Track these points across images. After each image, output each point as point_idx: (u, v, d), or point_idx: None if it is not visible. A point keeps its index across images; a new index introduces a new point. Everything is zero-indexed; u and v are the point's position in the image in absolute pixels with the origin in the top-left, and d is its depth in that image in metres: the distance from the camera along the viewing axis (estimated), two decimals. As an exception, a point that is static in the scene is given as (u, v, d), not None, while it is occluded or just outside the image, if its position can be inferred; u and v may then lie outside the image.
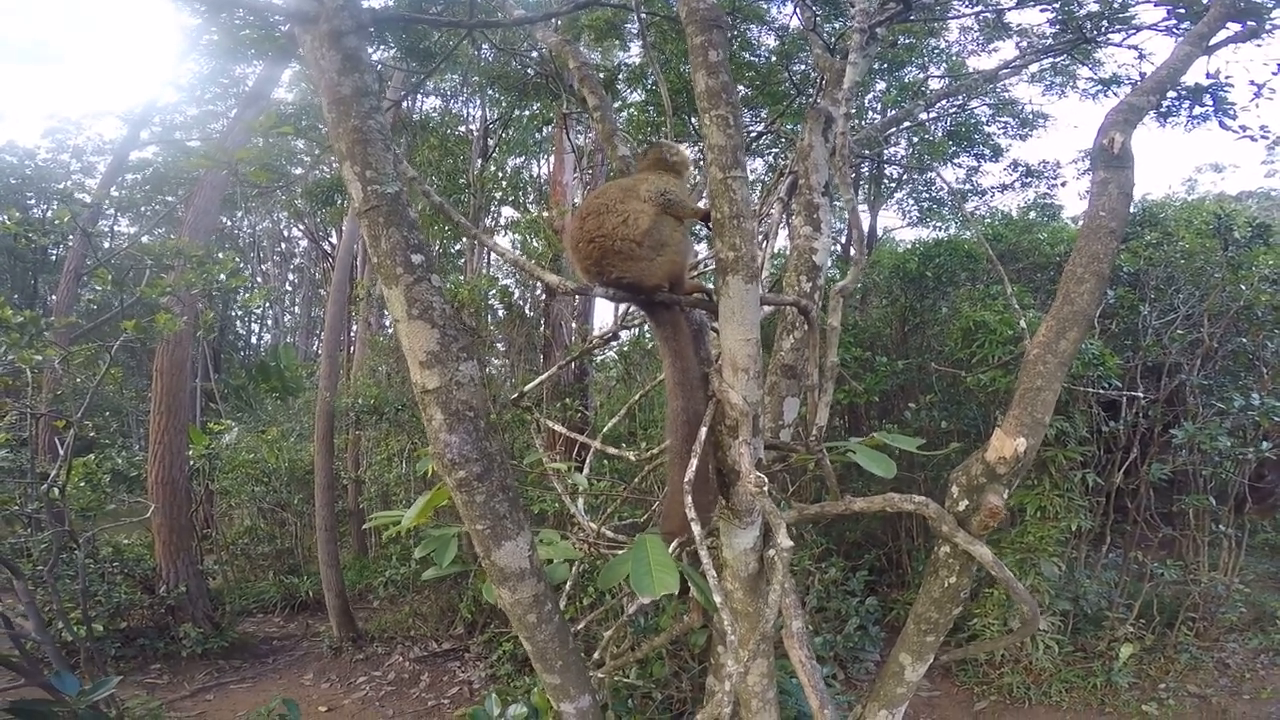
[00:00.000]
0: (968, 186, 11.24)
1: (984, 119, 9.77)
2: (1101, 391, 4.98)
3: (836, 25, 6.05)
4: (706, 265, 2.63)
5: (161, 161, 12.11)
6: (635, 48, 8.24)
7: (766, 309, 2.56)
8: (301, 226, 16.73)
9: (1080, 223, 2.07)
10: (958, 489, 1.64)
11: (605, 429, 2.97)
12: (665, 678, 4.19)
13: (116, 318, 4.52)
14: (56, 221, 4.30)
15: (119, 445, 8.18)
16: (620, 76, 7.67)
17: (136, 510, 7.46)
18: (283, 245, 20.25)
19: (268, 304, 19.89)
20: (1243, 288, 5.45)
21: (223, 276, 5.59)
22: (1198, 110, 4.09)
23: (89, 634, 3.81)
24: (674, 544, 2.10)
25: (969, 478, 1.62)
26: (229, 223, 15.90)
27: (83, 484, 5.63)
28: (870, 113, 9.46)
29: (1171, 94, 3.95)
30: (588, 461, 3.02)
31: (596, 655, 2.68)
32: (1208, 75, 3.75)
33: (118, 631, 6.22)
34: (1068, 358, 1.68)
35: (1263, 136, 3.88)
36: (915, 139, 9.90)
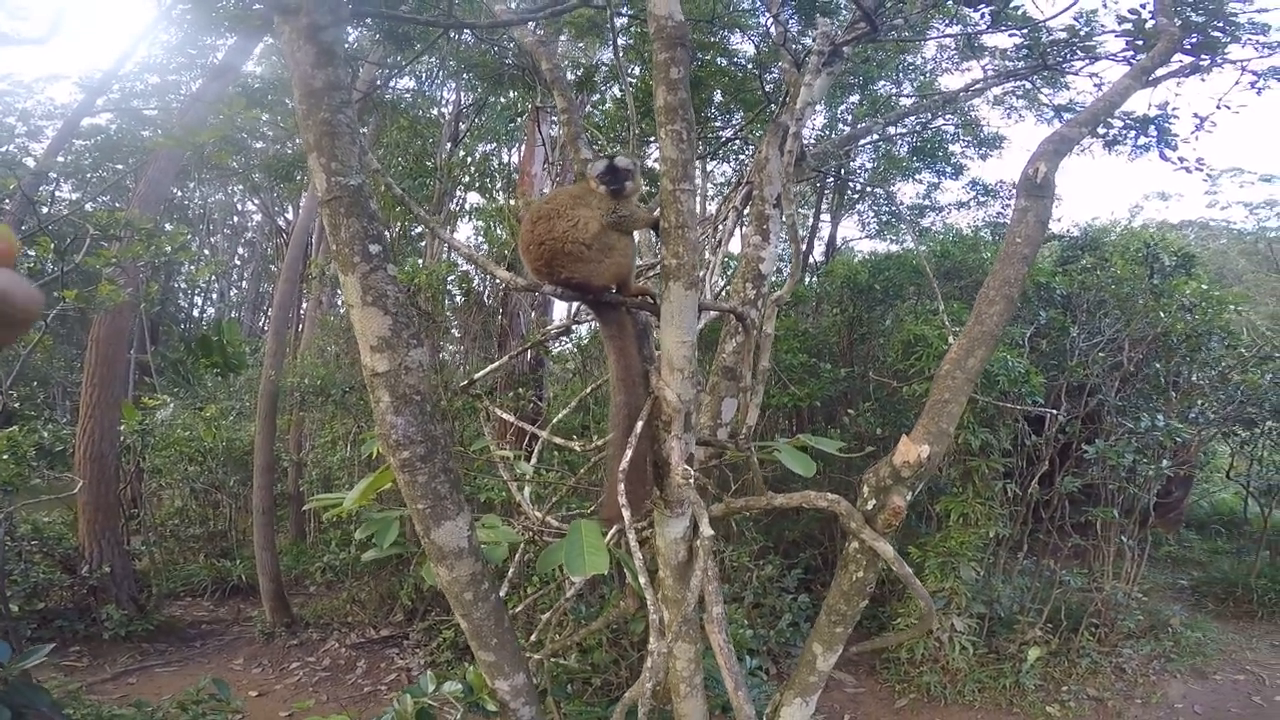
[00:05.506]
0: (926, 202, 11.69)
1: (949, 137, 10.12)
2: (1026, 408, 5.29)
3: (813, 36, 6.16)
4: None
5: (115, 129, 11.47)
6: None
7: (712, 313, 2.68)
8: (256, 201, 16.17)
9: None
10: (867, 489, 1.79)
11: (555, 420, 3.04)
12: (604, 664, 4.29)
13: (52, 285, 4.34)
14: (-4, 187, 4.08)
15: (45, 417, 7.76)
16: (599, 74, 7.70)
17: (57, 487, 7.12)
18: (235, 219, 19.49)
19: (214, 278, 19.14)
20: (1162, 315, 5.79)
21: (169, 249, 5.40)
22: (1142, 140, 4.13)
23: (4, 613, 3.66)
24: (612, 530, 2.21)
25: (877, 479, 1.77)
26: (179, 193, 15.19)
27: (5, 457, 5.36)
28: (841, 124, 9.70)
29: (1119, 123, 4.06)
30: (536, 451, 3.08)
31: (534, 637, 2.76)
32: (1156, 107, 3.84)
33: (34, 612, 5.96)
34: (974, 374, 1.85)
35: (1198, 168, 4.01)
36: (879, 153, 10.22)
